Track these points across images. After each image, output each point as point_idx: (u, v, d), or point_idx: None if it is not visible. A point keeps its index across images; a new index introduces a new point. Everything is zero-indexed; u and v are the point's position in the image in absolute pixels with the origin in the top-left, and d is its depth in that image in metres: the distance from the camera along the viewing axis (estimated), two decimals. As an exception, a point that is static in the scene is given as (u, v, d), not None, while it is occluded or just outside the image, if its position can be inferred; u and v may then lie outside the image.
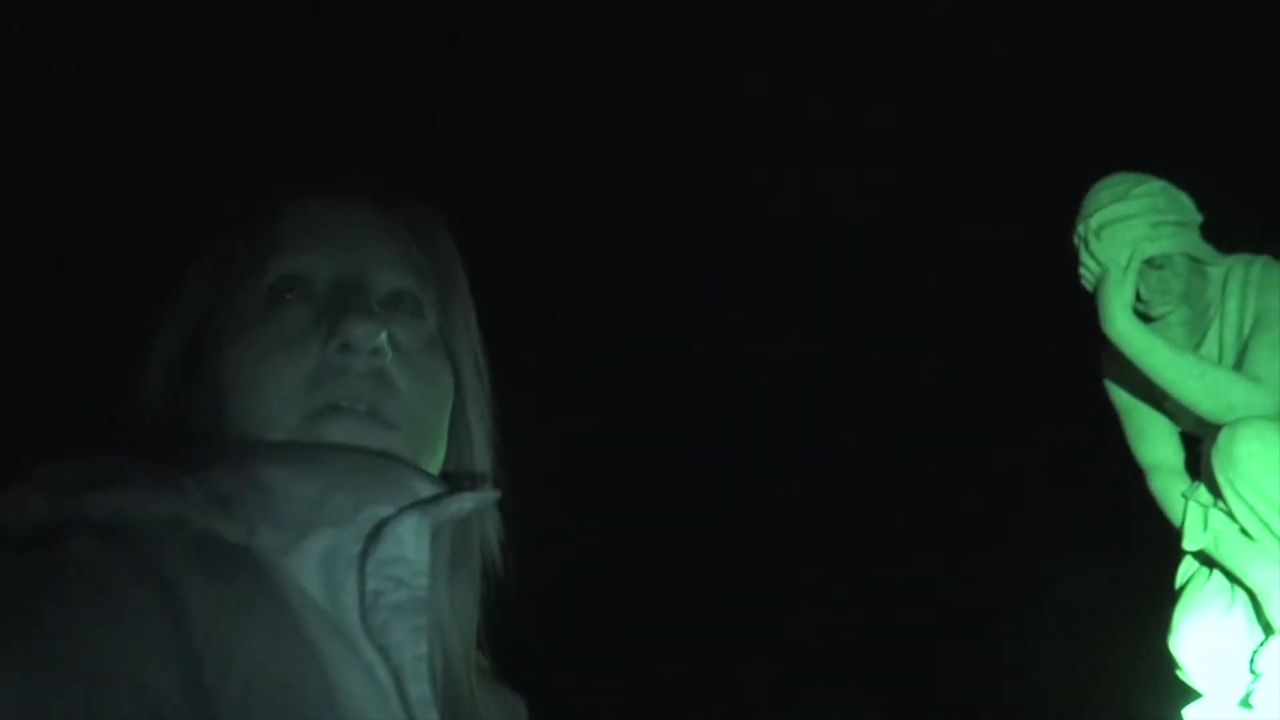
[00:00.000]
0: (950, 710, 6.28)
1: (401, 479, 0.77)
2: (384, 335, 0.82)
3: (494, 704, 0.89)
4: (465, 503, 0.78)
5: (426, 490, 0.77)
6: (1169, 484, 3.39)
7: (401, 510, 0.75)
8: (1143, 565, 3.65)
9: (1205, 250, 3.33)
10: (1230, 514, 3.11)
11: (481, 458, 0.93)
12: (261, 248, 0.86)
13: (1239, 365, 3.20)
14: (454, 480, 0.84)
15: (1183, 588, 3.36)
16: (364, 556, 0.73)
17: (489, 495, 0.81)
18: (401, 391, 0.83)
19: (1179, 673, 3.29)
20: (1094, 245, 3.29)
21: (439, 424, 0.88)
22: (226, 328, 0.84)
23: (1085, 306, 3.37)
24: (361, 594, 0.73)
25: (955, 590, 6.45)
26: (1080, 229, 3.35)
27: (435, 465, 0.88)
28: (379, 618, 0.72)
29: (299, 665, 0.68)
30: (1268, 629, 3.06)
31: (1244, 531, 3.10)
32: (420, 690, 0.72)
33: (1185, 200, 3.35)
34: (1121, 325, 3.22)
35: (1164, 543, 3.43)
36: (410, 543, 0.74)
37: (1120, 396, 3.54)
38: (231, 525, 0.72)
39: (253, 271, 0.85)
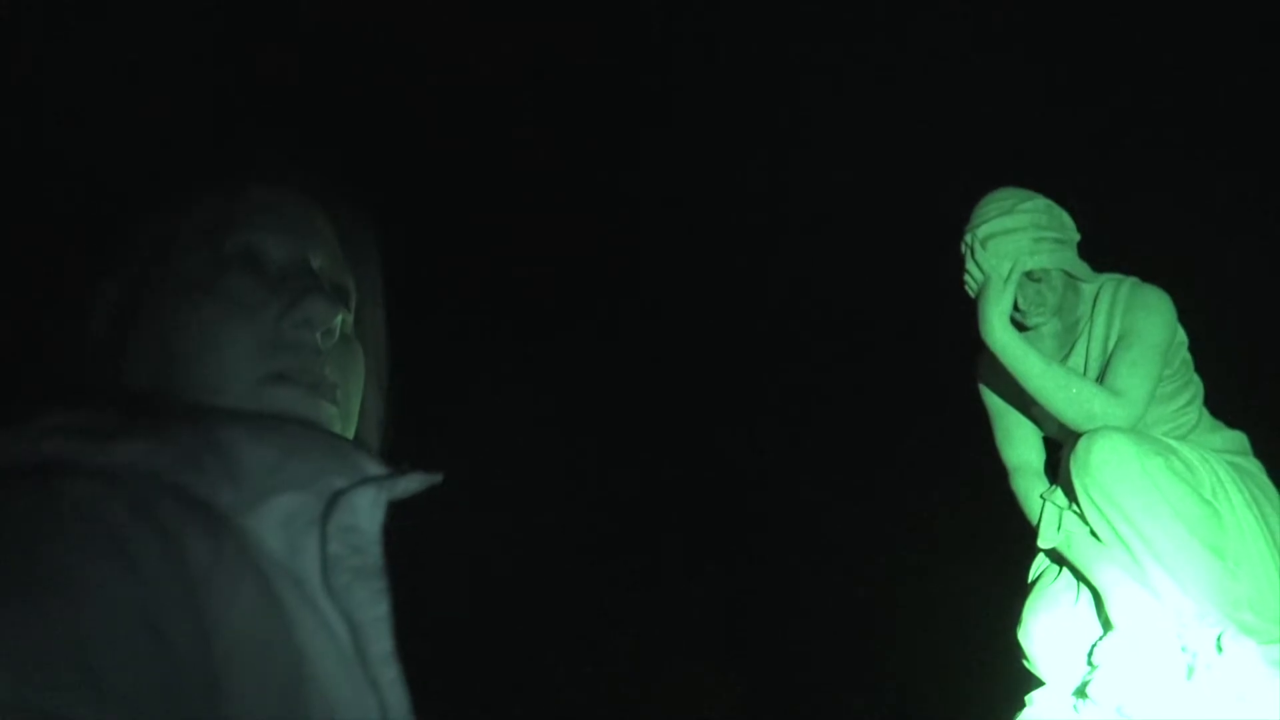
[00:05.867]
0: (811, 686, 6.47)
1: (351, 455, 0.81)
2: (339, 318, 0.89)
3: None
4: (413, 483, 0.81)
5: (374, 469, 0.80)
6: (1029, 485, 3.59)
7: (356, 483, 0.78)
8: (999, 559, 3.84)
9: (1081, 268, 3.52)
10: (1082, 517, 3.30)
11: (372, 436, 1.01)
12: (216, 220, 0.90)
13: (1102, 378, 3.39)
14: (391, 462, 0.88)
15: (1034, 582, 3.56)
16: (324, 521, 0.76)
17: (434, 478, 0.83)
18: (337, 371, 0.90)
19: (1025, 661, 3.49)
20: (979, 254, 3.44)
21: (356, 405, 0.95)
22: (172, 289, 0.87)
23: (967, 312, 3.53)
24: (323, 556, 0.75)
25: (819, 571, 6.61)
26: (967, 238, 3.49)
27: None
28: (340, 579, 0.75)
29: (274, 621, 0.71)
30: (1107, 625, 3.26)
31: (1094, 534, 3.29)
32: (382, 647, 0.74)
33: (1066, 219, 3.53)
34: (998, 333, 3.38)
35: (1021, 538, 3.63)
36: (365, 513, 0.77)
37: (991, 399, 3.72)
38: (200, 481, 0.74)
39: (204, 240, 0.89)
